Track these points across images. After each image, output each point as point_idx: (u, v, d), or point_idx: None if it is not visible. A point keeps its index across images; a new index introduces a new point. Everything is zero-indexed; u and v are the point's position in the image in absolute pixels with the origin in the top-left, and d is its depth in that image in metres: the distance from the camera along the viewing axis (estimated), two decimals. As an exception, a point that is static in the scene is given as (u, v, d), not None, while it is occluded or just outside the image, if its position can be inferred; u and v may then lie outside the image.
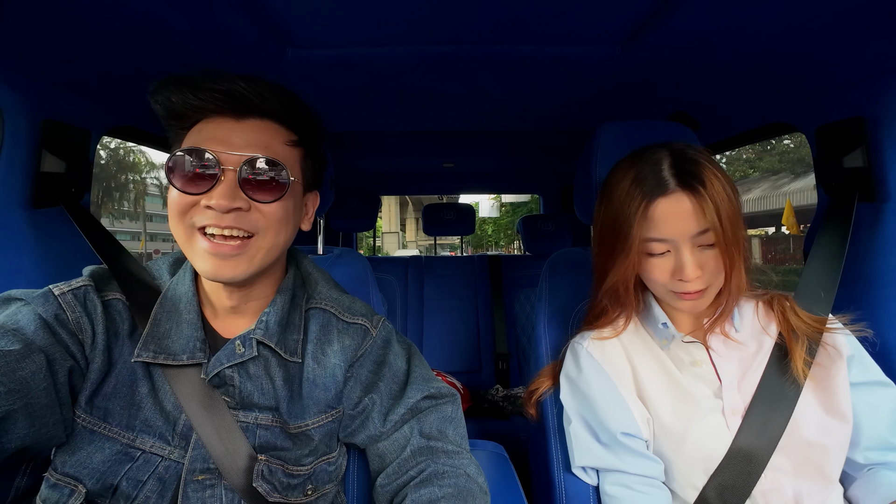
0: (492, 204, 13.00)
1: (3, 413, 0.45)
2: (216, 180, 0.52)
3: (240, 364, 0.59)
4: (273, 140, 0.57)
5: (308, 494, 0.60)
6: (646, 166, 0.64)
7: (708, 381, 0.68)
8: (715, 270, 0.62)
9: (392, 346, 0.68)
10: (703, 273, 0.62)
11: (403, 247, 19.07)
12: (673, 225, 0.61)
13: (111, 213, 17.23)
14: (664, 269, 0.64)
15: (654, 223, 0.62)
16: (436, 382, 0.67)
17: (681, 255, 0.62)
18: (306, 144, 0.62)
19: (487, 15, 0.74)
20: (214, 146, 0.53)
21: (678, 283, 0.63)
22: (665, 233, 0.62)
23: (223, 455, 0.55)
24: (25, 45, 0.73)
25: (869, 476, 0.65)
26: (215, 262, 0.53)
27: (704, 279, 0.62)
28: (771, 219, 12.96)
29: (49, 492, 0.51)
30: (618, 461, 0.67)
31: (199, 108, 0.55)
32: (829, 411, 0.64)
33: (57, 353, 0.51)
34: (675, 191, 0.61)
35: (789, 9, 0.68)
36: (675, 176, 0.61)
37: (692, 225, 0.61)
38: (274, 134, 0.58)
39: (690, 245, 0.61)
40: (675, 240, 0.62)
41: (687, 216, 0.60)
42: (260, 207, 0.55)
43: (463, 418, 0.68)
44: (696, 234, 0.61)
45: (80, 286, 0.57)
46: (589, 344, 0.74)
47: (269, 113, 0.57)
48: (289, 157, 0.59)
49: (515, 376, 2.00)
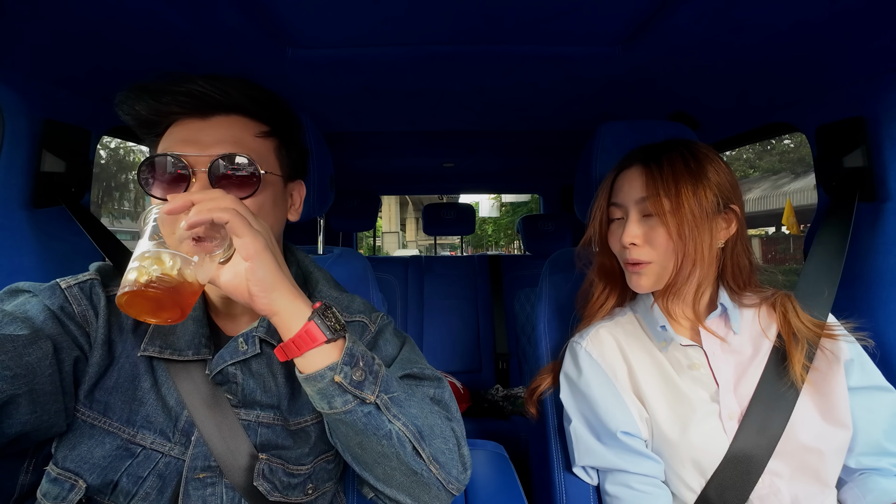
0: (492, 204, 13.00)
1: (7, 397, 0.45)
2: (188, 182, 0.53)
3: (243, 361, 0.59)
4: (242, 134, 0.57)
5: (309, 493, 0.60)
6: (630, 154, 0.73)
7: (705, 384, 0.68)
8: (662, 247, 0.66)
9: (384, 335, 0.67)
10: (646, 245, 0.67)
11: (403, 246, 19.06)
12: (624, 191, 0.70)
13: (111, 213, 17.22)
14: (617, 235, 0.71)
15: (614, 190, 0.73)
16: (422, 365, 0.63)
17: (627, 221, 0.69)
18: (280, 134, 0.61)
19: (487, 15, 0.74)
20: (183, 148, 0.53)
21: (626, 251, 0.69)
22: (618, 197, 0.71)
23: (225, 453, 0.55)
24: (26, 45, 0.73)
25: (860, 481, 0.64)
26: None
27: (646, 250, 0.67)
28: (771, 219, 12.95)
29: (49, 486, 0.51)
30: (619, 460, 0.67)
31: (166, 113, 0.55)
32: (826, 416, 0.64)
33: (64, 343, 0.52)
34: (636, 165, 0.70)
35: (789, 9, 0.68)
36: (643, 156, 0.70)
37: (637, 190, 0.68)
38: (243, 128, 0.57)
39: (636, 211, 0.68)
40: (624, 203, 0.70)
41: (636, 184, 0.69)
42: None
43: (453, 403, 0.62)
44: (639, 199, 0.68)
45: (87, 280, 0.58)
46: (587, 343, 0.74)
47: (235, 108, 0.56)
48: (261, 149, 0.58)
49: (515, 376, 2.00)
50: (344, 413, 0.48)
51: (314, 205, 0.84)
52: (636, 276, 0.69)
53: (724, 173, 0.67)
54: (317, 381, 0.48)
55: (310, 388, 0.49)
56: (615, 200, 0.71)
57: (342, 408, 0.48)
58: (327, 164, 0.88)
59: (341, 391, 0.48)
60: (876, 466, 0.64)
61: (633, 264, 0.68)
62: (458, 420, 0.60)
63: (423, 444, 0.51)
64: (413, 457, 0.51)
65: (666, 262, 0.66)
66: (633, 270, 0.69)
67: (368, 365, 0.50)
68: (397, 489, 0.52)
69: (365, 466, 0.53)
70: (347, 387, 0.48)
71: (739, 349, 0.69)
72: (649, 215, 0.67)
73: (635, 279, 0.69)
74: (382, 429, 0.50)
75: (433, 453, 0.52)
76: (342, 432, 0.52)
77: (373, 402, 0.49)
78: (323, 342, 0.48)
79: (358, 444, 0.51)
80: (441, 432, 0.54)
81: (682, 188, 0.64)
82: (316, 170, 0.83)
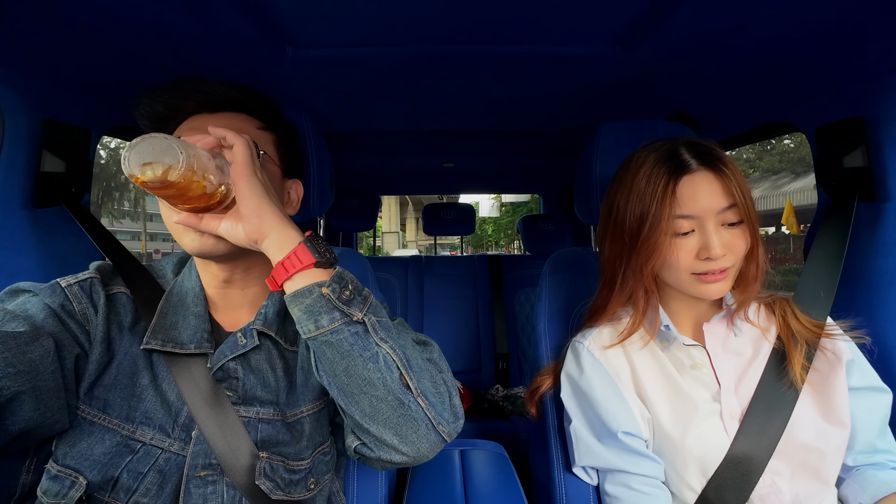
0: (492, 204, 13.01)
1: (11, 394, 0.46)
2: None
3: (242, 356, 0.59)
4: (245, 125, 0.61)
5: (311, 489, 0.60)
6: (662, 153, 0.65)
7: (707, 384, 0.68)
8: (739, 250, 0.63)
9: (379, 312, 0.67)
10: (729, 252, 0.62)
11: (403, 246, 19.06)
12: (700, 201, 0.62)
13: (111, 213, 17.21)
14: (689, 250, 0.63)
15: (681, 200, 0.62)
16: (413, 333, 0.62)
17: (706, 232, 0.62)
18: (278, 132, 0.66)
19: (487, 15, 0.74)
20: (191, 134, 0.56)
21: (703, 264, 0.63)
22: (692, 209, 0.62)
23: (226, 452, 0.56)
24: (26, 45, 0.73)
25: (857, 476, 0.65)
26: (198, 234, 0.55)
27: (729, 258, 0.63)
28: (771, 219, 12.96)
29: (50, 483, 0.51)
30: (619, 461, 0.67)
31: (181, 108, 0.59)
32: (826, 416, 0.64)
33: (65, 340, 0.52)
34: (699, 169, 0.63)
35: (789, 9, 0.68)
36: (696, 157, 0.63)
37: (719, 200, 0.62)
38: (245, 120, 0.62)
39: (715, 222, 0.62)
40: (702, 216, 0.62)
41: (713, 192, 0.62)
42: None
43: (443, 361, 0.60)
44: (723, 209, 0.62)
45: (87, 278, 0.59)
46: (590, 343, 0.74)
47: (241, 106, 0.62)
48: (261, 139, 0.62)
49: (515, 376, 2.00)
50: (330, 332, 0.47)
51: (314, 205, 0.84)
52: (714, 285, 0.63)
53: None
54: (304, 297, 0.47)
55: (297, 308, 0.48)
56: (687, 213, 0.62)
57: (328, 326, 0.47)
58: (327, 164, 0.88)
59: (329, 307, 0.47)
60: (871, 462, 0.66)
61: (713, 273, 0.63)
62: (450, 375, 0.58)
63: (412, 373, 0.50)
64: (400, 385, 0.49)
65: (739, 264, 0.65)
66: (714, 280, 0.63)
67: (357, 289, 0.50)
68: (383, 425, 0.49)
69: (351, 398, 0.50)
70: (335, 301, 0.47)
71: (740, 350, 0.70)
72: (732, 224, 0.63)
73: (713, 287, 0.64)
74: (369, 349, 0.48)
75: (422, 388, 0.50)
76: (328, 358, 0.49)
77: (360, 319, 0.49)
78: (312, 263, 0.48)
79: (344, 371, 0.49)
80: (430, 375, 0.53)
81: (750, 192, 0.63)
82: (316, 170, 0.83)
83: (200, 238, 0.55)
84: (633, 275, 0.68)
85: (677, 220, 0.63)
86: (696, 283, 0.65)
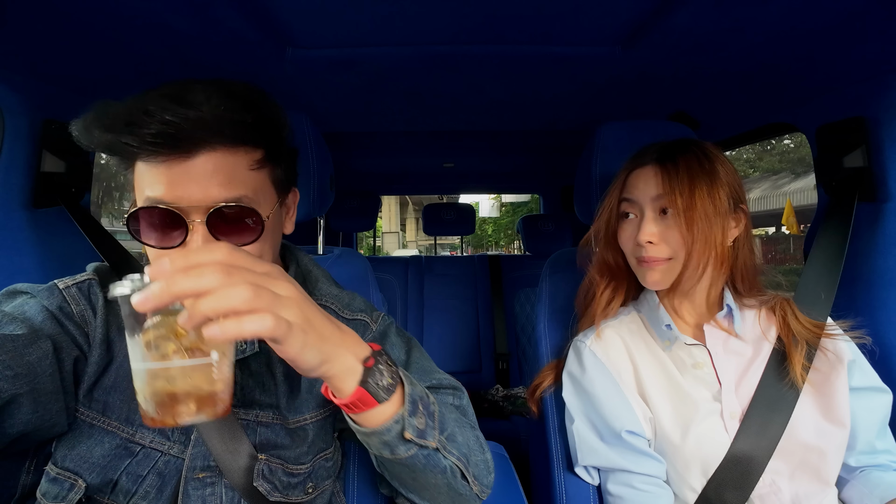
0: (492, 204, 13.00)
1: (9, 397, 0.45)
2: (186, 234, 0.48)
3: (241, 360, 0.59)
4: (234, 169, 0.49)
5: (309, 493, 0.60)
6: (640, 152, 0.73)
7: (708, 383, 0.68)
8: (678, 244, 0.66)
9: (389, 338, 0.67)
10: (662, 242, 0.67)
11: (403, 247, 19.05)
12: (639, 188, 0.70)
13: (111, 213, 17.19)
14: (630, 234, 0.71)
15: (627, 187, 0.72)
16: (437, 374, 0.64)
17: (643, 219, 0.69)
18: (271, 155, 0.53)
19: (487, 15, 0.74)
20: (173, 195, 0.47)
21: (640, 248, 0.69)
22: (631, 193, 0.71)
23: (224, 454, 0.55)
24: (26, 45, 0.73)
25: (862, 477, 0.65)
26: None
27: (662, 248, 0.67)
28: (771, 219, 12.95)
29: (49, 486, 0.51)
30: (622, 460, 0.67)
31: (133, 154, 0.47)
32: (826, 416, 0.64)
33: (63, 342, 0.52)
34: (650, 164, 0.70)
35: (790, 9, 0.68)
36: (657, 154, 0.70)
37: (652, 188, 0.68)
38: (233, 162, 0.49)
39: (652, 209, 0.68)
40: (639, 200, 0.69)
41: (652, 182, 0.68)
42: None
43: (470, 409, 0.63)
44: (655, 196, 0.68)
45: (85, 280, 0.58)
46: (592, 342, 0.74)
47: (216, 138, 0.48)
48: (256, 181, 0.52)
49: (515, 376, 2.00)
50: (406, 458, 0.48)
51: (314, 205, 0.84)
52: (650, 272, 0.69)
53: (732, 173, 0.68)
54: (382, 436, 0.46)
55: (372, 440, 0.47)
56: (628, 196, 0.71)
57: (405, 454, 0.48)
58: (327, 164, 0.88)
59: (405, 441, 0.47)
60: (874, 463, 0.66)
61: (648, 261, 0.69)
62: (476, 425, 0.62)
63: (469, 468, 0.54)
64: (461, 482, 0.54)
65: (679, 259, 0.67)
66: (647, 266, 0.69)
67: (426, 407, 0.49)
68: None
69: (412, 491, 0.56)
70: (415, 439, 0.47)
71: (740, 350, 0.70)
72: (665, 213, 0.68)
73: (649, 275, 0.69)
74: (439, 465, 0.51)
75: (475, 473, 0.55)
76: (396, 470, 0.53)
77: (434, 447, 0.49)
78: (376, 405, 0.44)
79: (412, 478, 0.54)
80: (475, 446, 0.57)
81: (697, 187, 0.65)
82: (316, 170, 0.82)
83: None
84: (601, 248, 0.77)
85: (622, 203, 0.72)
86: (639, 269, 0.72)
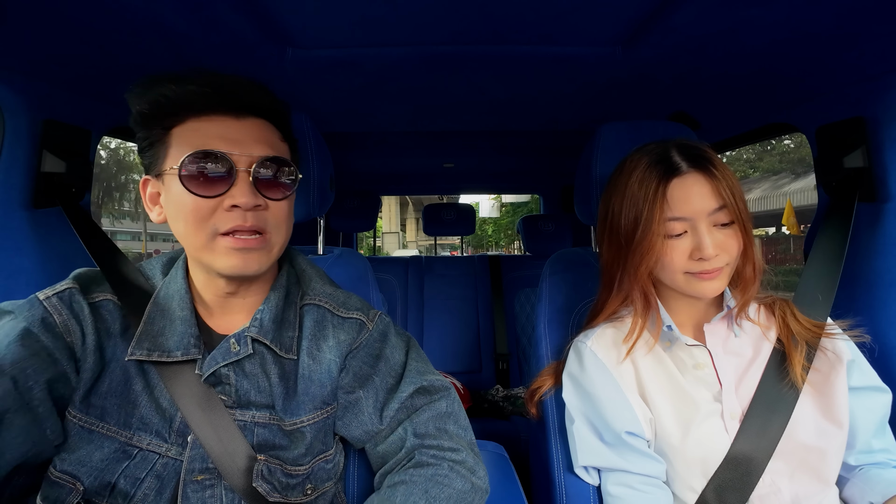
0: (492, 204, 13.00)
1: None
2: (232, 181, 0.53)
3: (235, 362, 0.59)
4: (272, 137, 0.59)
5: (308, 494, 0.60)
6: (654, 156, 0.66)
7: (709, 384, 0.68)
8: (731, 249, 0.64)
9: (389, 340, 0.68)
10: (722, 251, 0.64)
11: (403, 247, 19.06)
12: (691, 203, 0.63)
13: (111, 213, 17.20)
14: (682, 251, 0.64)
15: (672, 203, 0.64)
16: (430, 375, 0.66)
17: (699, 233, 0.63)
18: (291, 141, 0.64)
19: (487, 15, 0.74)
20: (225, 146, 0.54)
21: (696, 264, 0.64)
22: (683, 211, 0.63)
23: (222, 455, 0.55)
24: (26, 45, 0.73)
25: (862, 475, 0.65)
26: (241, 258, 0.55)
27: (722, 257, 0.64)
28: (771, 219, 12.95)
29: (49, 489, 0.51)
30: (622, 461, 0.67)
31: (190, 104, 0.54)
32: (826, 416, 0.64)
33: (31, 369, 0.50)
34: (689, 171, 0.64)
35: (790, 9, 0.68)
36: (686, 160, 0.64)
37: (710, 202, 0.63)
38: (271, 131, 0.59)
39: (707, 223, 0.63)
40: (693, 218, 0.63)
41: (703, 194, 0.63)
42: (271, 206, 0.57)
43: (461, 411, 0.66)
44: (713, 210, 0.63)
45: (65, 289, 0.57)
46: (592, 343, 0.74)
47: (263, 112, 0.58)
48: (284, 152, 0.61)
49: (515, 376, 2.00)
50: None
51: (314, 205, 0.84)
52: (710, 283, 0.64)
53: None
54: None
55: None
56: (679, 216, 0.63)
57: None
58: (327, 164, 0.88)
59: None
60: (873, 461, 0.66)
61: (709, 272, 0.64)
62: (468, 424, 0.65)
63: None
64: None
65: (734, 263, 0.66)
66: (708, 278, 0.64)
67: None
68: None
69: None
70: None
71: (740, 351, 0.70)
72: (724, 224, 0.64)
73: (708, 285, 0.64)
74: None
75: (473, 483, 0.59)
76: None
77: None
78: None
79: None
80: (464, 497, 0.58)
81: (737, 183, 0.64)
82: (316, 170, 0.82)
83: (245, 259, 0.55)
84: (629, 276, 0.69)
85: (669, 223, 0.64)
86: (691, 282, 0.65)
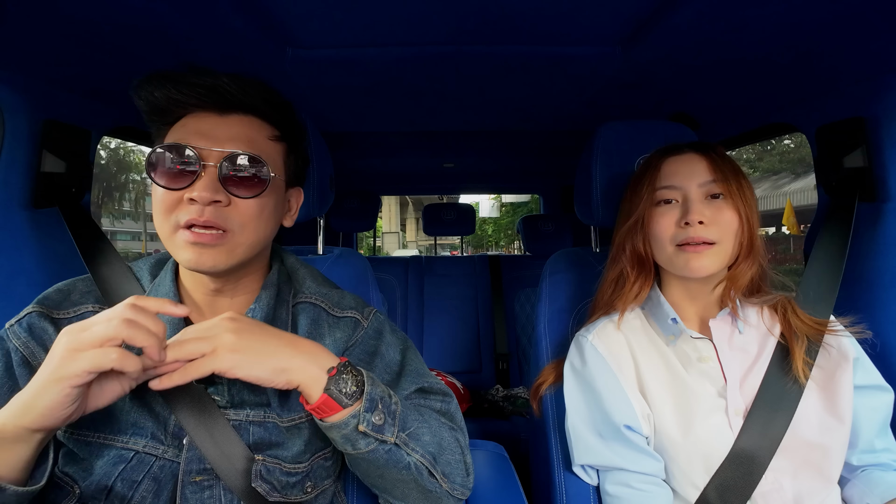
0: (492, 204, 13.01)
1: None
2: (196, 175, 0.53)
3: None
4: (256, 135, 0.57)
5: (308, 492, 0.60)
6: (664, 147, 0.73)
7: (713, 378, 0.68)
8: (725, 225, 0.65)
9: (385, 337, 0.67)
10: (712, 224, 0.64)
11: (403, 247, 19.06)
12: (682, 174, 0.67)
13: (111, 213, 17.20)
14: (671, 217, 0.67)
15: (665, 174, 0.69)
16: (430, 378, 0.66)
17: (689, 201, 0.66)
18: (289, 140, 0.62)
19: (487, 15, 0.74)
20: (196, 141, 0.53)
21: (683, 230, 0.66)
22: (673, 180, 0.68)
23: (219, 457, 0.55)
24: (25, 45, 0.73)
25: (864, 477, 0.65)
26: (196, 252, 0.53)
27: (712, 230, 0.64)
28: (771, 219, 12.95)
29: (48, 489, 0.51)
30: (618, 458, 0.67)
31: (182, 103, 0.55)
32: (830, 413, 0.64)
33: None
34: (688, 152, 0.69)
35: (789, 9, 0.68)
36: (690, 147, 0.70)
37: (702, 174, 0.66)
38: (257, 129, 0.58)
39: (699, 193, 0.66)
40: (683, 186, 0.67)
41: (697, 167, 0.67)
42: (238, 203, 0.55)
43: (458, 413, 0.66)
44: (705, 181, 0.66)
45: (24, 315, 0.57)
46: (593, 337, 0.74)
47: (252, 108, 0.57)
48: (272, 152, 0.59)
49: (515, 376, 2.00)
50: (367, 453, 0.52)
51: (314, 205, 0.84)
52: (695, 258, 0.64)
53: None
54: (340, 429, 0.51)
55: (333, 434, 0.52)
56: (669, 184, 0.68)
57: (365, 449, 0.52)
58: (327, 164, 0.88)
59: (364, 436, 0.52)
60: (875, 462, 0.66)
61: (696, 245, 0.65)
62: (463, 429, 0.64)
63: (437, 466, 0.57)
64: (428, 479, 0.56)
65: (728, 246, 0.66)
66: (694, 251, 0.65)
67: (386, 405, 0.54)
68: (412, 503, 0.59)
69: (383, 490, 0.59)
70: (370, 433, 0.51)
71: (745, 347, 0.70)
72: (715, 196, 0.66)
73: (694, 261, 0.65)
74: (402, 462, 0.54)
75: (444, 470, 0.57)
76: (363, 467, 0.56)
77: (393, 441, 0.53)
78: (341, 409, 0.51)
79: (378, 476, 0.56)
80: (449, 445, 0.59)
81: (742, 176, 0.66)
82: (316, 170, 0.82)
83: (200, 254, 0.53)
84: (624, 244, 0.74)
85: (660, 190, 0.69)
86: (679, 256, 0.66)
